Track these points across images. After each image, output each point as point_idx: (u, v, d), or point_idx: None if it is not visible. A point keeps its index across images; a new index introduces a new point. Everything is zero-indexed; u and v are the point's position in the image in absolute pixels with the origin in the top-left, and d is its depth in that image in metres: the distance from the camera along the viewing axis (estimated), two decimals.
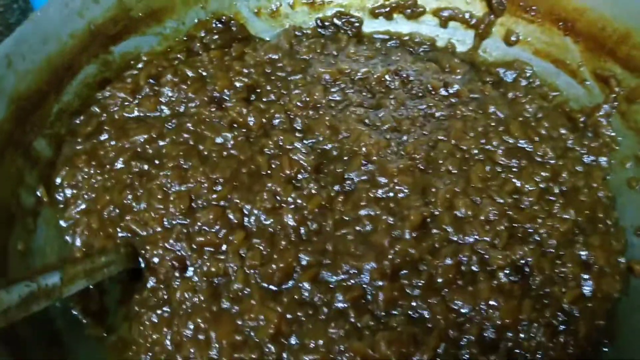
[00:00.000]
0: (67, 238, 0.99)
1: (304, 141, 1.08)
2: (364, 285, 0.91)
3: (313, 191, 1.00)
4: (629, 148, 1.12)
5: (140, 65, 1.19)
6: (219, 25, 1.30)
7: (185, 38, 1.27)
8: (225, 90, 1.14)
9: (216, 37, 1.28)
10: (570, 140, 1.13)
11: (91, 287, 0.91)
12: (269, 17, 1.35)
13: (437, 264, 0.93)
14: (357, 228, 0.97)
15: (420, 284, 0.91)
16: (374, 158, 1.05)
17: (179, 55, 1.23)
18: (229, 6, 1.31)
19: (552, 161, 1.08)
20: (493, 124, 1.13)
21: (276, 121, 1.11)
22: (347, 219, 0.99)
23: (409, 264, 0.93)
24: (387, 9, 1.36)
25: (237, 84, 1.15)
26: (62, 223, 1.00)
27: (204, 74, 1.18)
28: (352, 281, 0.91)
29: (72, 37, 1.09)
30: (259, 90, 1.17)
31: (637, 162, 1.09)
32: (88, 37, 1.11)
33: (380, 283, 0.90)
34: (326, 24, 1.37)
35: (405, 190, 1.01)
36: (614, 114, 1.15)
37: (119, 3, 1.15)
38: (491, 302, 0.89)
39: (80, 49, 1.11)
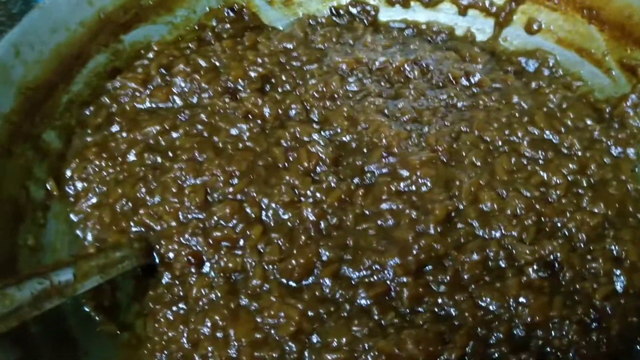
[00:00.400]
0: (78, 232, 0.96)
1: (322, 132, 1.05)
2: (388, 282, 0.87)
3: (332, 184, 0.97)
4: None
5: (150, 55, 1.15)
6: (231, 14, 1.27)
7: (196, 27, 1.24)
8: (240, 80, 1.10)
9: (228, 26, 1.25)
10: (597, 132, 1.09)
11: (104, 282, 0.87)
12: (282, 5, 1.32)
13: (463, 259, 0.89)
14: (379, 222, 0.94)
15: (446, 280, 0.88)
16: (395, 150, 1.02)
17: (190, 45, 1.20)
18: None
19: (579, 153, 1.04)
20: (517, 114, 1.09)
21: (292, 112, 1.08)
22: (368, 213, 0.95)
23: (433, 260, 0.89)
24: None
25: (252, 74, 1.11)
26: (73, 217, 0.97)
27: (217, 63, 1.14)
28: (375, 277, 0.88)
29: (81, 26, 1.06)
30: (273, 81, 1.14)
31: None
32: (98, 25, 1.08)
33: (405, 279, 0.87)
34: (341, 12, 1.33)
35: (428, 184, 0.97)
36: None
37: None
38: (520, 299, 0.86)
39: (90, 38, 1.08)
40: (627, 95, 1.12)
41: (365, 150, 1.04)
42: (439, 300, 0.86)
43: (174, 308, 0.88)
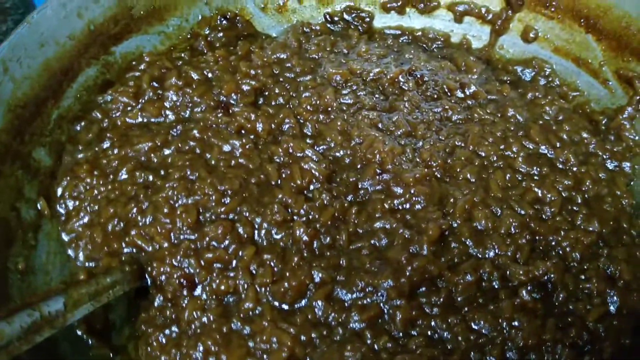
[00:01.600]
0: (70, 252, 0.95)
1: (315, 147, 1.04)
2: (381, 304, 0.87)
3: (325, 202, 0.96)
4: None
5: (142, 67, 1.13)
6: (224, 22, 1.25)
7: (189, 36, 1.22)
8: (232, 94, 1.08)
9: (221, 34, 1.23)
10: (593, 145, 1.09)
11: None
12: (275, 12, 1.30)
13: (457, 280, 0.89)
14: (373, 242, 0.93)
15: (439, 302, 0.88)
16: (389, 167, 1.01)
17: (182, 55, 1.18)
18: (234, 1, 1.26)
19: (575, 168, 1.04)
20: (512, 128, 1.08)
21: (285, 126, 1.07)
22: (361, 232, 0.95)
23: (427, 281, 0.89)
24: (399, 3, 1.30)
25: (245, 87, 1.10)
26: (65, 236, 0.96)
27: (210, 75, 1.12)
28: (368, 300, 0.87)
29: (71, 39, 1.04)
30: (267, 93, 1.12)
31: None
32: (88, 38, 1.07)
33: (398, 302, 0.86)
34: (335, 19, 1.31)
35: (422, 202, 0.97)
36: (638, 117, 1.10)
37: (120, 2, 1.09)
38: (514, 323, 0.85)
39: (80, 51, 1.06)
40: (624, 108, 1.11)
41: (359, 166, 1.03)
42: (432, 323, 0.86)
43: (167, 331, 0.88)
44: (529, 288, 0.89)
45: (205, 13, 1.23)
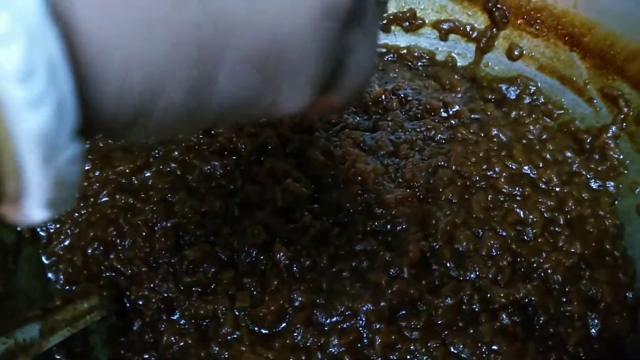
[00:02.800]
0: (50, 275, 0.95)
1: (297, 168, 1.04)
2: (360, 328, 0.87)
3: (306, 223, 0.96)
4: (638, 172, 1.07)
5: None
6: None
7: None
8: None
9: None
10: (576, 164, 1.09)
11: None
12: None
13: (437, 303, 0.88)
14: (353, 264, 0.93)
15: (419, 326, 0.87)
16: (371, 187, 1.01)
17: None
18: None
19: (558, 188, 1.03)
20: (495, 147, 1.08)
21: (268, 147, 1.06)
22: (342, 253, 0.95)
23: (407, 304, 0.89)
24: (385, 22, 1.30)
25: None
26: (45, 259, 0.96)
27: None
28: (348, 323, 0.87)
29: None
30: None
31: None
32: None
33: (378, 326, 0.86)
34: None
35: (403, 223, 0.96)
36: (622, 136, 1.10)
37: None
38: (493, 347, 0.85)
39: None
40: (608, 127, 1.11)
41: (342, 186, 1.03)
42: (412, 347, 0.86)
43: (145, 355, 0.87)
44: (509, 311, 0.89)
45: None
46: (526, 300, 0.90)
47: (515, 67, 1.24)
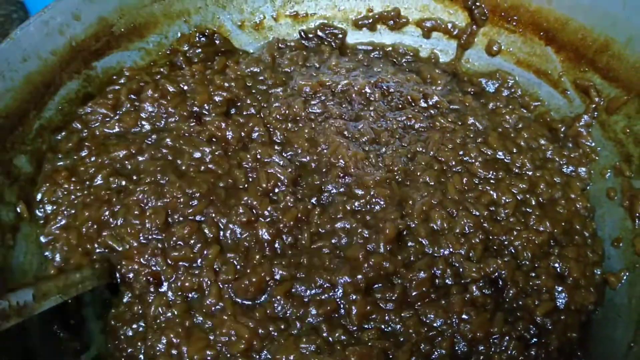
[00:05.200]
0: (47, 253, 1.00)
1: (283, 154, 1.09)
2: (338, 300, 0.91)
3: (289, 204, 1.00)
4: (608, 158, 1.12)
5: (122, 81, 1.19)
6: (203, 38, 1.31)
7: (168, 52, 1.28)
8: (205, 105, 1.14)
9: (199, 50, 1.29)
10: (550, 151, 1.13)
11: (69, 300, 0.91)
12: (252, 29, 1.36)
13: (411, 277, 0.93)
14: (333, 241, 0.98)
15: (393, 298, 0.92)
16: (352, 170, 1.06)
17: (162, 70, 1.24)
18: (213, 19, 1.32)
19: (530, 172, 1.08)
20: (472, 135, 1.13)
21: (255, 134, 1.12)
22: (322, 231, 0.99)
23: (383, 278, 0.93)
24: (371, 20, 1.36)
25: (217, 98, 1.15)
26: (42, 239, 1.01)
27: (185, 88, 1.18)
28: (326, 295, 0.92)
29: (53, 54, 1.10)
30: (239, 104, 1.18)
31: (616, 173, 1.09)
32: (69, 53, 1.12)
33: (354, 297, 0.90)
34: (310, 35, 1.37)
35: (382, 203, 1.01)
36: (594, 124, 1.15)
37: (101, 20, 1.16)
38: (463, 316, 0.89)
39: (62, 66, 1.12)
40: (581, 116, 1.16)
41: (324, 170, 1.08)
42: (386, 317, 0.90)
43: (134, 325, 0.92)
44: (480, 284, 0.93)
45: (184, 30, 1.29)
46: (496, 274, 0.95)
47: (495, 62, 1.30)
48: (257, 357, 0.87)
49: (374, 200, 1.02)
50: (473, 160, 1.09)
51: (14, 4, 1.78)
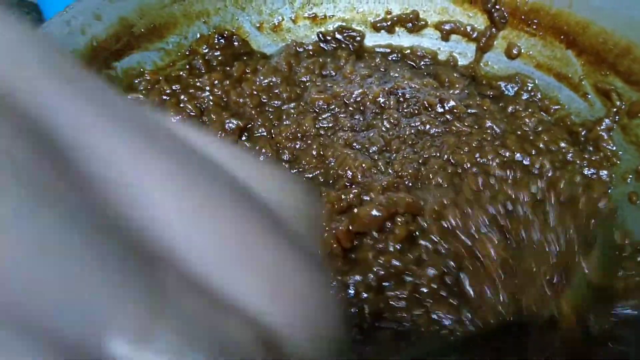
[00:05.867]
0: None
1: (291, 171, 1.08)
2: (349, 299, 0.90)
3: None
4: (629, 162, 1.09)
5: (142, 87, 1.19)
6: (222, 40, 1.32)
7: (187, 52, 1.29)
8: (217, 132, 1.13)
9: (218, 53, 1.30)
10: (570, 154, 1.11)
11: None
12: (271, 31, 1.37)
13: (422, 274, 0.91)
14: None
15: (404, 296, 0.90)
16: (359, 179, 1.04)
17: (181, 74, 1.24)
18: (231, 20, 1.34)
19: (550, 173, 1.06)
20: (489, 138, 1.11)
21: (262, 157, 1.11)
22: None
23: (394, 276, 0.92)
24: (389, 23, 1.36)
25: (229, 126, 1.13)
26: None
27: (203, 107, 1.17)
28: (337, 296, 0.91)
29: (74, 54, 1.12)
30: (250, 125, 1.16)
31: (637, 177, 1.07)
32: (90, 53, 1.14)
33: (365, 295, 0.89)
34: (328, 38, 1.38)
35: None
36: (615, 128, 1.12)
37: (121, 20, 1.18)
38: None
39: (83, 65, 1.13)
40: (602, 120, 1.14)
41: (331, 182, 1.07)
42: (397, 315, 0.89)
43: None
44: None
45: (204, 31, 1.31)
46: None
47: (514, 65, 1.28)
48: None
49: None
50: (489, 162, 1.07)
51: (26, 5, 1.82)
